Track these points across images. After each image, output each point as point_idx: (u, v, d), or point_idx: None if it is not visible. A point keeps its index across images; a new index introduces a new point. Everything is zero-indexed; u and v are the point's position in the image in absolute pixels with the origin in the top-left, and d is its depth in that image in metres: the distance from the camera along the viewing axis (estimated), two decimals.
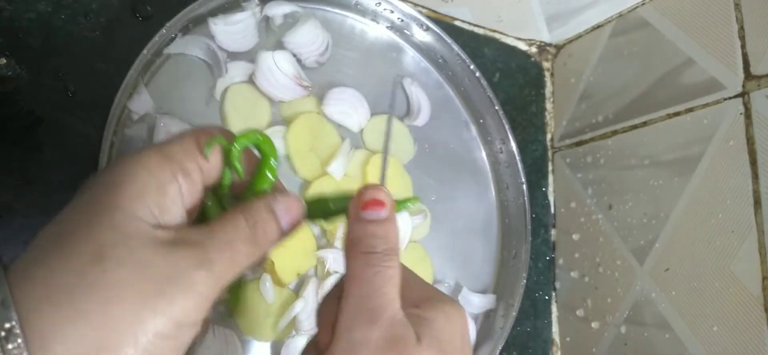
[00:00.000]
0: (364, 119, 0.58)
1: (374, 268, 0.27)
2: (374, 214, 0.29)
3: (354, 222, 0.29)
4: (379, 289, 0.27)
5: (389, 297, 0.27)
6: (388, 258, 0.28)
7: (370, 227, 0.29)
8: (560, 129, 0.70)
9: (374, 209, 0.29)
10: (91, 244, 0.23)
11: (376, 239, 0.28)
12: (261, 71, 0.53)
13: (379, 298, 0.27)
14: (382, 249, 0.28)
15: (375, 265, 0.27)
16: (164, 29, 0.49)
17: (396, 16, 0.62)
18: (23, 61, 0.47)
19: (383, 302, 0.27)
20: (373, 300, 0.27)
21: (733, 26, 0.50)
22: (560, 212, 0.67)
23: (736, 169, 0.48)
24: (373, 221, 0.29)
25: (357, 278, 0.27)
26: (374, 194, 0.29)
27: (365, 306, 0.26)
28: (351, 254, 0.28)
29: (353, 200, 0.30)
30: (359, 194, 0.30)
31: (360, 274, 0.27)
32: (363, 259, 0.28)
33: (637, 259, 0.56)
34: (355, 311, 0.26)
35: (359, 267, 0.28)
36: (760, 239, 0.45)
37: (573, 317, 0.62)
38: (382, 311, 0.26)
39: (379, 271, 0.27)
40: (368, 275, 0.27)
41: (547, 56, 0.73)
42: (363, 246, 0.28)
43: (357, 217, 0.29)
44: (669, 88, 0.56)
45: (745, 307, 0.45)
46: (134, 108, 0.49)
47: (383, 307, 0.26)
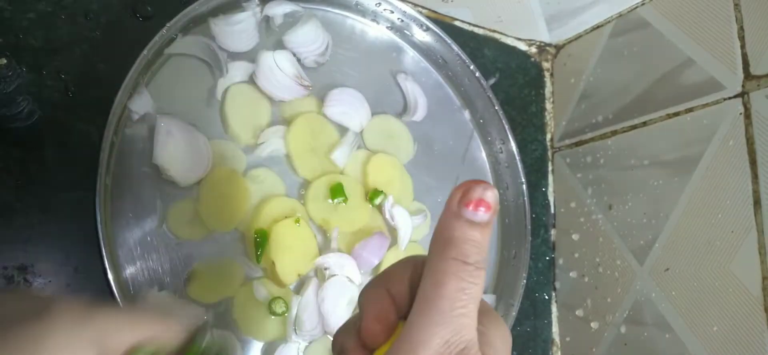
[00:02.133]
0: (365, 119, 0.58)
1: (463, 282, 0.25)
2: (477, 215, 0.25)
3: (451, 218, 0.26)
4: (461, 308, 0.24)
5: (470, 320, 0.25)
6: (478, 273, 0.25)
7: (469, 229, 0.25)
8: (560, 129, 0.70)
9: (478, 210, 0.25)
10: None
11: (471, 246, 0.25)
12: (261, 71, 0.53)
13: (462, 319, 0.24)
14: (474, 260, 0.25)
15: (464, 278, 0.25)
16: (165, 29, 0.49)
17: (396, 16, 0.62)
18: (23, 61, 0.47)
19: (464, 325, 0.25)
20: (455, 320, 0.24)
21: (732, 26, 0.50)
22: (560, 212, 0.67)
23: (736, 169, 0.48)
24: (473, 224, 0.25)
25: (441, 287, 0.25)
26: (483, 192, 0.26)
27: (446, 322, 0.24)
28: (439, 253, 0.25)
29: (454, 193, 0.26)
30: (464, 187, 0.26)
31: (446, 283, 0.25)
32: (453, 266, 0.25)
33: (637, 259, 0.56)
34: (435, 322, 0.24)
35: (447, 274, 0.25)
36: (759, 239, 0.45)
37: (573, 317, 0.62)
38: (461, 334, 0.24)
39: (467, 287, 0.25)
40: (454, 288, 0.24)
41: (546, 56, 0.73)
42: (456, 251, 0.25)
43: (457, 213, 0.25)
44: (669, 89, 0.56)
45: (745, 307, 0.45)
46: (135, 108, 0.49)
47: (462, 331, 0.24)
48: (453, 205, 0.26)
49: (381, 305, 0.27)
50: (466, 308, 0.25)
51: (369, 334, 0.27)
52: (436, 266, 0.25)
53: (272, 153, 0.54)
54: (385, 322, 0.27)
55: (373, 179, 0.56)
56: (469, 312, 0.25)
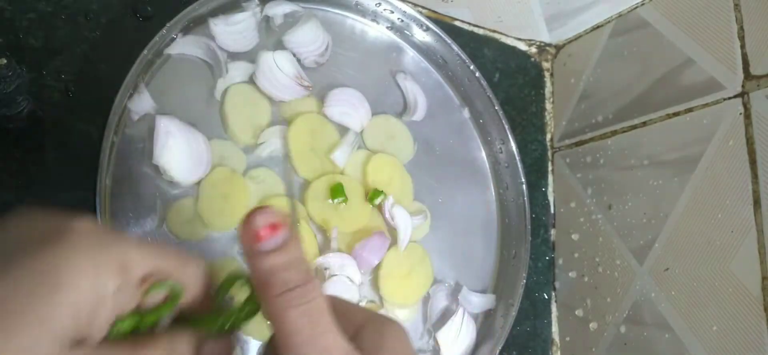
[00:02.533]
0: (366, 119, 0.58)
1: (298, 308, 0.24)
2: (271, 242, 0.25)
3: (253, 259, 0.25)
4: (315, 328, 0.24)
5: (331, 334, 0.24)
6: (308, 289, 0.24)
7: (274, 258, 0.24)
8: (560, 129, 0.70)
9: (270, 237, 0.25)
10: None
11: (287, 272, 0.24)
12: (262, 71, 0.53)
13: (322, 338, 0.24)
14: (297, 280, 0.24)
15: (297, 304, 0.24)
16: (165, 29, 0.49)
17: (396, 16, 0.62)
18: (23, 61, 0.47)
19: (328, 342, 0.24)
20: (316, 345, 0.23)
21: (732, 26, 0.50)
22: (560, 211, 0.67)
23: (736, 169, 0.48)
24: (274, 251, 0.25)
25: (285, 324, 0.24)
26: (264, 218, 0.25)
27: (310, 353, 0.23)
28: (266, 300, 0.25)
29: (242, 235, 0.25)
30: (246, 225, 0.25)
31: (286, 321, 0.24)
32: (282, 302, 0.24)
33: (637, 259, 0.56)
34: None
35: (282, 313, 0.24)
36: (759, 239, 0.45)
37: (573, 317, 0.63)
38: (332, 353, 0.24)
39: (306, 309, 0.24)
40: (296, 318, 0.24)
41: (546, 56, 0.73)
42: (275, 287, 0.24)
43: (253, 252, 0.25)
44: (669, 89, 0.56)
45: (745, 307, 0.45)
46: (135, 108, 0.49)
47: (330, 347, 0.24)
48: (248, 247, 0.25)
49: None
50: (319, 325, 0.24)
51: None
52: (272, 312, 0.24)
53: (272, 153, 0.54)
54: None
55: (373, 178, 0.56)
56: (325, 327, 0.24)
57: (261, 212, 0.25)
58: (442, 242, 0.60)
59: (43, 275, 0.22)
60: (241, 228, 0.25)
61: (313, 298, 0.24)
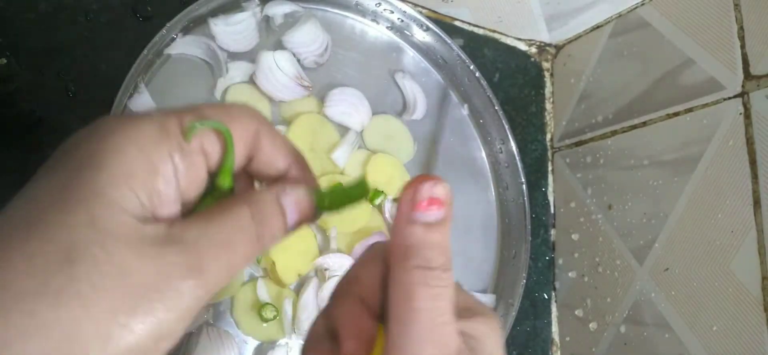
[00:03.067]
0: (366, 119, 0.58)
1: (433, 289, 0.23)
2: (430, 215, 0.24)
3: (405, 225, 0.24)
4: (440, 317, 0.23)
5: (451, 328, 0.23)
6: (446, 275, 0.23)
7: (425, 233, 0.23)
8: (560, 129, 0.70)
9: (430, 210, 0.24)
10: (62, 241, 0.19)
11: (433, 250, 0.23)
12: (261, 71, 0.53)
13: (442, 330, 0.23)
14: (440, 263, 0.23)
15: (433, 285, 0.23)
16: (164, 29, 0.49)
17: (396, 16, 0.62)
18: (23, 61, 0.47)
19: (448, 334, 0.23)
20: (438, 332, 0.23)
21: (732, 26, 0.50)
22: (560, 211, 0.67)
23: (736, 169, 0.48)
24: (429, 225, 0.24)
25: (412, 301, 0.23)
26: (433, 189, 0.24)
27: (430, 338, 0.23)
28: (401, 266, 0.23)
29: (405, 196, 0.24)
30: (413, 188, 0.24)
31: (415, 295, 0.23)
32: (419, 275, 0.23)
33: (637, 259, 0.56)
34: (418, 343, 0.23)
35: (414, 286, 0.23)
36: (759, 239, 0.45)
37: (572, 317, 0.63)
38: (448, 346, 0.23)
39: (439, 293, 0.23)
40: (427, 299, 0.23)
41: (546, 56, 0.73)
42: (418, 259, 0.23)
43: (410, 218, 0.24)
44: (668, 89, 0.56)
45: (745, 307, 0.45)
46: (135, 108, 0.49)
47: (449, 341, 0.23)
48: (404, 210, 0.24)
49: (357, 319, 0.25)
50: (444, 315, 0.23)
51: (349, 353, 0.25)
52: (402, 279, 0.23)
53: None
54: (364, 336, 0.25)
55: (373, 178, 0.56)
56: (448, 319, 0.23)
57: (433, 182, 0.24)
58: None
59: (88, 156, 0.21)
60: (404, 187, 0.24)
61: (448, 286, 0.23)
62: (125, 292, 0.20)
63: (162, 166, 0.22)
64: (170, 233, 0.21)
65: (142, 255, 0.20)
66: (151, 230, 0.21)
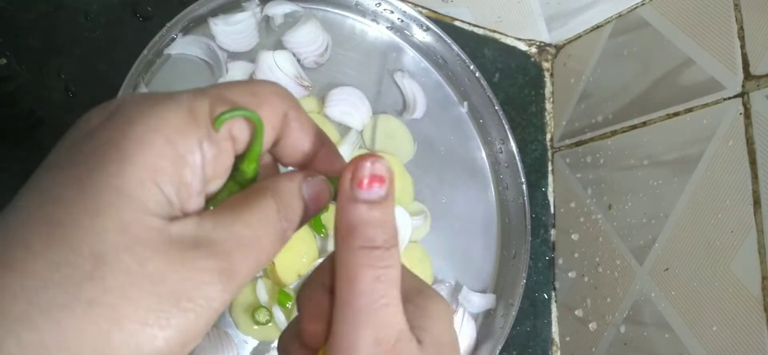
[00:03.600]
0: (367, 117, 0.58)
1: (375, 270, 0.23)
2: (373, 193, 0.23)
3: (347, 203, 0.24)
4: (382, 298, 0.23)
5: (394, 308, 0.23)
6: (390, 253, 0.23)
7: (368, 211, 0.23)
8: (560, 129, 0.70)
9: (372, 187, 0.23)
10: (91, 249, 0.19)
11: (375, 229, 0.23)
12: (261, 71, 0.53)
13: (385, 310, 0.23)
14: (383, 241, 0.23)
15: (376, 265, 0.23)
16: (164, 29, 0.49)
17: (396, 16, 0.62)
18: (23, 61, 0.47)
19: (389, 316, 0.23)
20: (378, 314, 0.23)
21: (732, 26, 0.50)
22: (560, 211, 0.67)
23: (736, 169, 0.48)
24: (372, 203, 0.23)
25: (355, 282, 0.23)
26: (373, 167, 0.24)
27: (369, 320, 0.23)
28: (344, 246, 0.23)
29: (345, 174, 0.24)
30: (353, 167, 0.24)
31: (358, 277, 0.23)
32: (362, 256, 0.23)
33: (637, 259, 0.56)
34: (357, 325, 0.23)
35: (357, 267, 0.23)
36: (759, 239, 0.45)
37: (572, 317, 0.63)
38: (389, 328, 0.23)
39: (381, 274, 0.23)
40: (368, 280, 0.23)
41: (546, 56, 0.73)
42: (360, 238, 0.23)
43: (351, 196, 0.24)
44: (668, 89, 0.56)
45: (745, 307, 0.45)
46: None
47: (389, 322, 0.23)
48: (345, 189, 0.24)
49: (318, 302, 0.25)
50: (387, 296, 0.23)
51: (309, 335, 0.25)
52: (345, 260, 0.23)
53: None
54: (324, 319, 0.25)
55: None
56: (391, 299, 0.23)
57: (373, 160, 0.24)
58: (442, 242, 0.60)
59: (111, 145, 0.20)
60: (347, 167, 0.24)
61: (391, 266, 0.23)
62: (156, 301, 0.19)
63: (190, 157, 0.21)
64: (199, 235, 0.20)
65: (172, 262, 0.19)
66: (179, 229, 0.20)
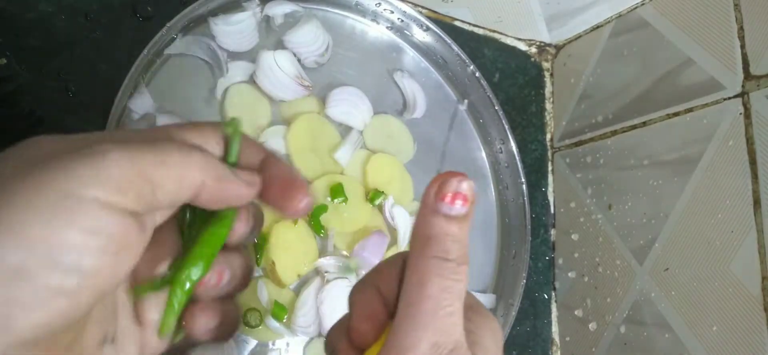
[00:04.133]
0: (367, 117, 0.58)
1: (445, 280, 0.24)
2: (454, 208, 0.25)
3: (429, 215, 0.25)
4: (447, 308, 0.24)
5: (456, 319, 0.24)
6: (461, 269, 0.25)
7: (447, 224, 0.25)
8: (560, 129, 0.70)
9: (455, 203, 0.25)
10: None
11: (452, 242, 0.25)
12: (262, 70, 0.53)
13: (448, 318, 0.24)
14: (456, 256, 0.25)
15: (447, 276, 0.24)
16: (165, 29, 0.49)
17: (396, 16, 0.62)
18: (23, 61, 0.47)
19: (450, 324, 0.24)
20: (441, 320, 0.24)
21: (732, 26, 0.50)
22: (560, 212, 0.67)
23: (736, 169, 0.48)
24: (451, 218, 0.25)
25: (425, 287, 0.24)
26: (458, 184, 0.25)
27: (432, 324, 0.24)
28: (420, 252, 0.25)
29: (430, 188, 0.25)
30: (440, 181, 0.25)
31: (428, 283, 0.24)
32: (433, 265, 0.24)
33: (637, 259, 0.56)
34: (421, 325, 0.24)
35: (429, 274, 0.24)
36: (759, 239, 0.45)
37: (572, 317, 0.63)
38: (449, 335, 0.24)
39: (450, 286, 0.24)
40: (437, 288, 0.24)
41: (546, 56, 0.73)
42: (435, 248, 0.24)
43: (434, 208, 0.25)
44: (668, 89, 0.56)
45: (745, 307, 0.45)
46: (135, 108, 0.49)
47: (450, 331, 0.24)
48: (429, 200, 0.25)
49: (370, 303, 0.27)
50: (452, 306, 0.24)
51: (358, 334, 0.26)
52: (418, 266, 0.25)
53: None
54: (375, 321, 0.26)
55: (373, 179, 0.56)
56: (455, 311, 0.24)
57: (460, 179, 0.25)
58: None
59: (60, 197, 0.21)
60: (434, 181, 0.26)
61: (459, 280, 0.24)
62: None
63: None
64: None
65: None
66: None
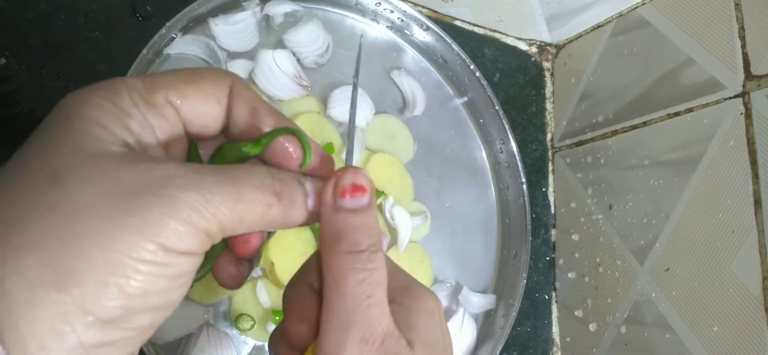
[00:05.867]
0: (370, 115, 0.58)
1: (360, 272, 0.24)
2: (355, 202, 0.25)
3: (331, 212, 0.25)
4: (368, 299, 0.24)
5: (380, 308, 0.24)
6: (374, 257, 0.24)
7: (351, 218, 0.25)
8: (560, 129, 0.70)
9: (355, 197, 0.25)
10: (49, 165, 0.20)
11: (359, 234, 0.24)
12: (260, 69, 0.53)
13: (370, 310, 0.24)
14: (367, 245, 0.24)
15: (361, 268, 0.24)
16: (164, 29, 0.49)
17: (396, 16, 0.62)
18: (23, 61, 0.47)
19: (374, 316, 0.24)
20: (363, 314, 0.23)
21: (733, 26, 0.50)
22: (560, 212, 0.67)
23: (737, 169, 0.48)
24: (355, 211, 0.25)
25: (341, 285, 0.24)
26: (354, 177, 0.25)
27: (355, 321, 0.23)
28: (330, 252, 0.24)
29: (327, 186, 0.25)
30: (335, 178, 0.25)
31: (345, 280, 0.24)
32: (346, 260, 0.24)
33: (637, 259, 0.56)
34: (344, 326, 0.23)
35: (343, 271, 0.24)
36: (760, 239, 0.45)
37: (573, 317, 0.62)
38: (375, 327, 0.23)
39: (366, 276, 0.24)
40: (353, 282, 0.24)
41: (547, 56, 0.73)
42: (345, 244, 0.24)
43: (334, 206, 0.25)
44: (669, 88, 0.56)
45: (745, 307, 0.45)
46: None
47: (375, 322, 0.24)
48: (329, 199, 0.25)
49: (303, 302, 0.26)
50: (372, 297, 0.24)
51: (294, 336, 0.26)
52: (331, 265, 0.24)
53: None
54: (310, 320, 0.25)
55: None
56: (377, 300, 0.24)
57: (352, 172, 0.25)
58: (442, 242, 0.60)
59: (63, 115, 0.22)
60: (330, 179, 0.25)
61: (375, 268, 0.24)
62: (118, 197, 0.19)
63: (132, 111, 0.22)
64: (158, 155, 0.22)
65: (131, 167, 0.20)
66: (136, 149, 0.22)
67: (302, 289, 0.26)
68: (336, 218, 0.25)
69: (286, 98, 0.54)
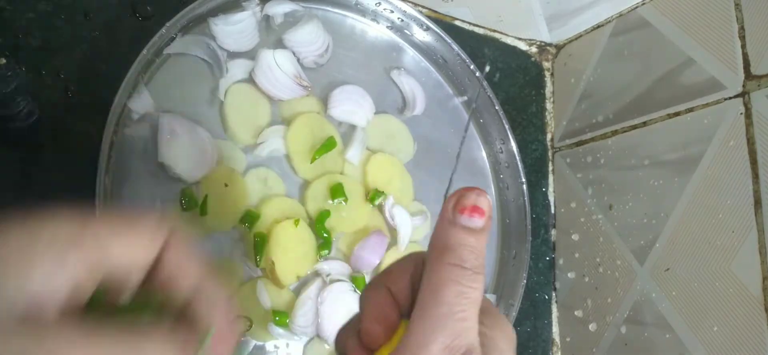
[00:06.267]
0: (370, 113, 0.58)
1: (460, 286, 0.25)
2: (471, 221, 0.26)
3: (447, 225, 0.26)
4: (462, 312, 0.25)
5: (470, 323, 0.25)
6: (476, 277, 0.26)
7: (464, 235, 0.26)
8: (560, 129, 0.70)
9: (473, 216, 0.26)
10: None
11: (467, 252, 0.26)
12: (260, 69, 0.53)
13: (461, 323, 0.25)
14: (472, 265, 0.26)
15: (462, 283, 0.25)
16: (164, 29, 0.49)
17: (396, 16, 0.62)
18: (23, 61, 0.47)
19: (464, 329, 0.25)
20: (453, 324, 0.25)
21: (733, 26, 0.50)
22: (560, 212, 0.67)
23: (737, 169, 0.48)
24: (469, 230, 0.26)
25: (439, 293, 0.25)
26: (476, 199, 0.26)
27: (445, 326, 0.24)
28: (437, 260, 0.26)
29: (449, 200, 0.27)
30: (459, 195, 0.27)
31: (444, 289, 0.25)
32: (450, 272, 0.25)
33: (638, 259, 0.56)
34: (434, 328, 0.24)
35: (444, 281, 0.25)
36: (760, 239, 0.45)
37: (573, 317, 0.62)
38: (461, 339, 0.25)
39: (465, 292, 0.25)
40: (452, 294, 0.25)
41: (547, 56, 0.73)
42: (453, 256, 0.26)
43: (452, 220, 0.26)
44: (669, 88, 0.56)
45: (746, 307, 0.45)
46: (134, 107, 0.49)
47: (462, 334, 0.25)
48: (448, 212, 0.27)
49: (381, 305, 0.27)
50: (466, 312, 0.25)
51: (369, 335, 0.27)
52: (435, 272, 0.26)
53: (272, 153, 0.54)
54: (386, 322, 0.27)
55: (373, 178, 0.56)
56: (469, 316, 0.25)
57: (478, 194, 0.27)
58: None
59: None
60: (453, 194, 0.27)
61: (475, 288, 0.25)
62: None
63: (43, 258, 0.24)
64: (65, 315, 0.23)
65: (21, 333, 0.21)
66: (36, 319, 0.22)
67: (381, 292, 0.28)
68: (450, 231, 0.26)
69: (286, 98, 0.54)
